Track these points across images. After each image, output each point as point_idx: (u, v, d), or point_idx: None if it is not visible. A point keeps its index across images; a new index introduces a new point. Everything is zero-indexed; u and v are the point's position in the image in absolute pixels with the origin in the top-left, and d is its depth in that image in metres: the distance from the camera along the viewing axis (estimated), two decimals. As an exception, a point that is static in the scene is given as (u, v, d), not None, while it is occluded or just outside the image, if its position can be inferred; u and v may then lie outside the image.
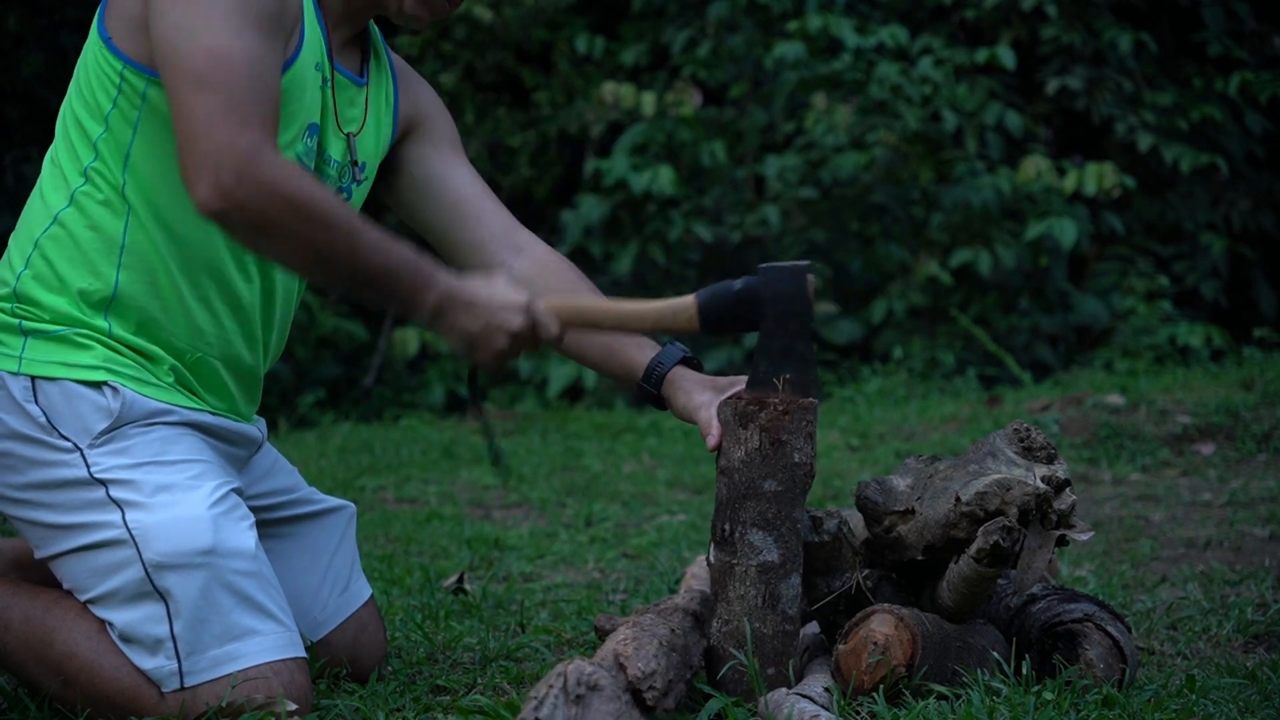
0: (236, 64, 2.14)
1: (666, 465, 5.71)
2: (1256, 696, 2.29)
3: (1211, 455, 5.26)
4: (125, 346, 2.29)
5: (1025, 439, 2.28)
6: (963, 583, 2.24)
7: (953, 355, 7.87)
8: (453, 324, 2.24)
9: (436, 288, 2.22)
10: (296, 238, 2.13)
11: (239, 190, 2.08)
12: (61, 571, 2.25)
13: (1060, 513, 2.23)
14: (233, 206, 2.09)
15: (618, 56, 9.12)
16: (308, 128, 2.35)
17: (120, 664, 2.20)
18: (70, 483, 2.22)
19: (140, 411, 2.26)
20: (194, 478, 2.24)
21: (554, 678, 1.90)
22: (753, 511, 2.23)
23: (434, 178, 2.59)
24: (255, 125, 2.12)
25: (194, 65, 2.13)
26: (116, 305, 2.29)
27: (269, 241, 2.14)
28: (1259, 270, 8.83)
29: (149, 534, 2.18)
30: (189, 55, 2.14)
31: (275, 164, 2.11)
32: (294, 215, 2.11)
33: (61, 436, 2.23)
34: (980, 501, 2.21)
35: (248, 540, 2.23)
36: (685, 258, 8.56)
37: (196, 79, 2.13)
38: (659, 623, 2.15)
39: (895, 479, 2.37)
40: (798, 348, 2.27)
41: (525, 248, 2.61)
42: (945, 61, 8.27)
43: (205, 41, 2.13)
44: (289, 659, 2.22)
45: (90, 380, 2.24)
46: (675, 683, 2.06)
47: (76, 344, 2.26)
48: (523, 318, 2.25)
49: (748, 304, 2.30)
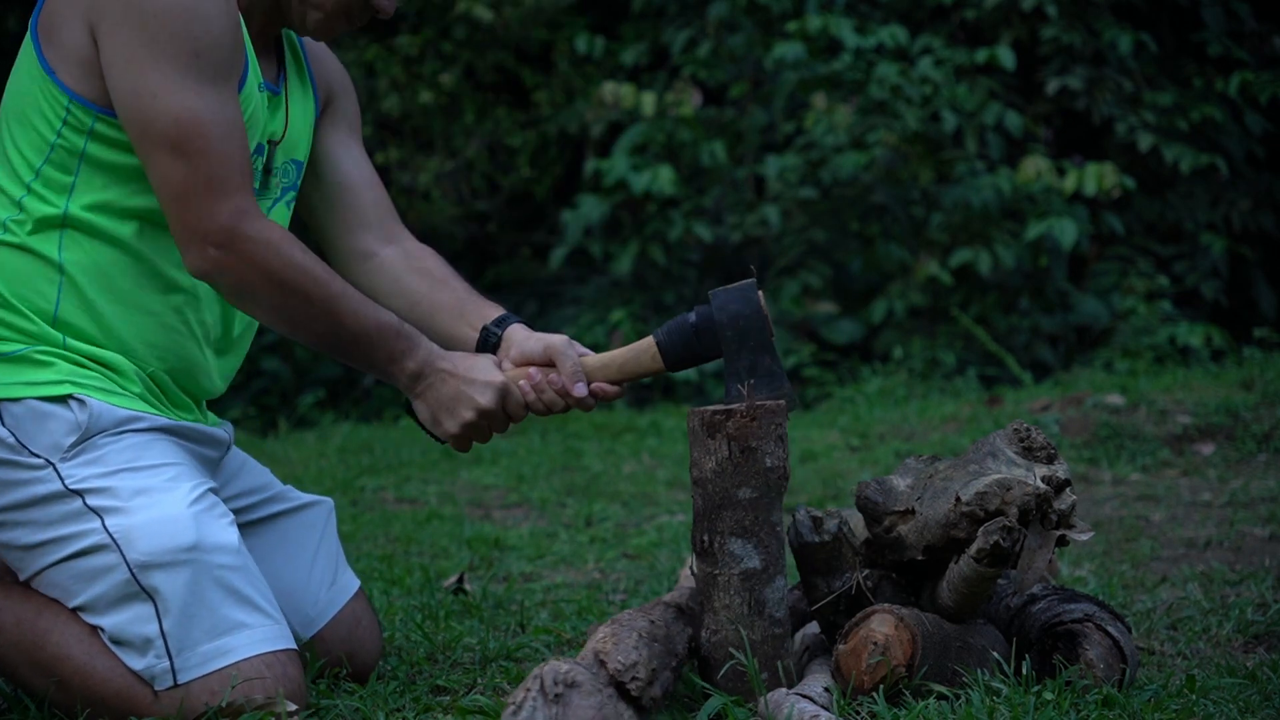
0: (205, 129, 2.20)
1: (666, 465, 5.71)
2: (1256, 696, 2.29)
3: (1211, 455, 5.26)
4: (85, 358, 2.29)
5: (1025, 439, 2.28)
6: (963, 583, 2.24)
7: (953, 355, 7.87)
8: (428, 390, 2.35)
9: (417, 355, 2.33)
10: (277, 304, 2.26)
11: (225, 260, 2.21)
12: (47, 584, 2.25)
13: (1060, 513, 2.23)
14: (219, 273, 2.23)
15: (618, 56, 9.12)
16: (255, 149, 2.37)
17: (113, 665, 2.20)
18: (46, 498, 2.22)
19: (109, 420, 2.25)
20: (170, 479, 2.25)
21: (530, 680, 1.90)
22: (730, 520, 2.23)
23: (324, 157, 2.61)
24: (234, 191, 2.22)
25: (164, 132, 2.19)
26: (61, 324, 2.29)
27: (252, 305, 2.28)
28: (1259, 270, 8.83)
29: (131, 535, 2.18)
30: (156, 122, 2.19)
31: (257, 232, 2.22)
32: (274, 284, 2.23)
33: (32, 454, 2.23)
34: (980, 501, 2.21)
35: (230, 536, 2.23)
36: (685, 258, 8.56)
37: (169, 147, 2.19)
38: (638, 617, 2.15)
39: (895, 479, 2.37)
40: (764, 363, 2.31)
41: (397, 241, 2.63)
42: (945, 61, 8.27)
43: (169, 106, 2.19)
44: (280, 650, 2.22)
45: (55, 395, 2.24)
46: (660, 671, 2.05)
47: (36, 362, 2.26)
48: (494, 396, 2.34)
49: (705, 332, 2.34)
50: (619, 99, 8.44)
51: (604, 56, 9.12)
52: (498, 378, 2.34)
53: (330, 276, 2.28)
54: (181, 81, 2.19)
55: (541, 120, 9.39)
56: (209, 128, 2.20)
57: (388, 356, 2.31)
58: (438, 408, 2.35)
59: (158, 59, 2.18)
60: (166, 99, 2.19)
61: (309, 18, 2.39)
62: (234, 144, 2.23)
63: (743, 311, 2.31)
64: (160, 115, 2.19)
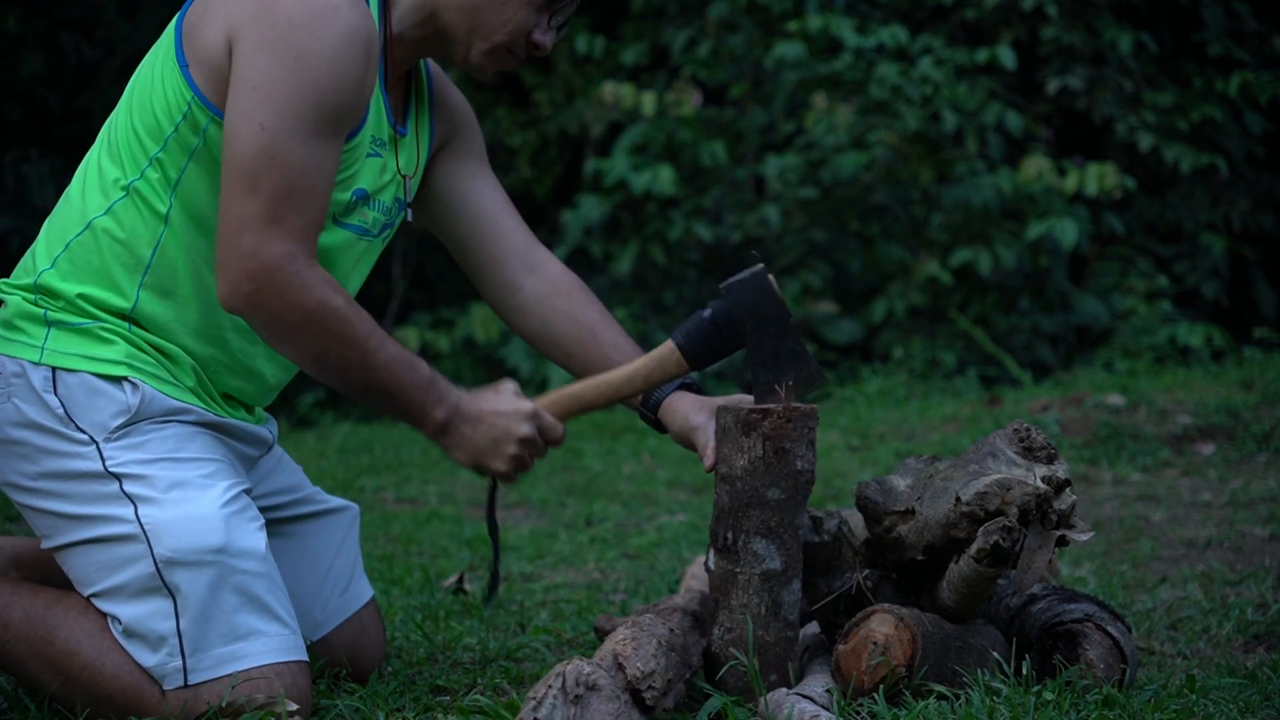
0: (291, 171, 2.18)
1: (666, 465, 5.71)
2: (1256, 696, 2.29)
3: (1211, 455, 5.26)
4: (147, 344, 2.30)
5: (1025, 439, 2.28)
6: (963, 583, 2.24)
7: (953, 355, 7.87)
8: (461, 439, 2.31)
9: (445, 404, 2.29)
10: (309, 349, 2.22)
11: (256, 297, 2.17)
12: (68, 563, 2.25)
13: (1060, 513, 2.23)
14: (249, 310, 2.19)
15: (618, 56, 9.12)
16: (354, 192, 2.36)
17: (123, 662, 2.20)
18: (84, 475, 2.22)
19: (158, 409, 2.27)
20: (207, 476, 2.25)
21: (553, 678, 1.90)
22: (756, 520, 2.23)
23: (455, 192, 2.59)
24: (291, 236, 2.18)
25: (249, 162, 2.17)
26: (137, 312, 2.30)
27: (282, 346, 2.25)
28: (1259, 270, 8.83)
29: (161, 530, 2.18)
30: (247, 149, 2.17)
31: (299, 279, 2.18)
32: (307, 331, 2.20)
33: (78, 429, 2.24)
34: (980, 501, 2.21)
35: (258, 542, 2.24)
36: (685, 258, 8.56)
37: (246, 177, 2.17)
38: (658, 623, 2.16)
39: (895, 479, 2.37)
40: (787, 346, 2.29)
41: (540, 266, 2.61)
42: (945, 61, 8.27)
43: (270, 143, 2.17)
44: (292, 661, 2.22)
45: (111, 375, 2.25)
46: (674, 682, 2.06)
47: (100, 337, 2.27)
48: (529, 424, 2.32)
49: (725, 326, 2.33)
50: (619, 99, 8.44)
51: (604, 56, 9.12)
52: (527, 405, 2.32)
53: (370, 329, 2.23)
54: (294, 123, 2.17)
55: (541, 120, 9.39)
56: (294, 172, 2.18)
57: (418, 409, 2.29)
58: (478, 452, 2.31)
59: (282, 97, 2.17)
60: (271, 135, 2.17)
61: (474, 49, 2.37)
62: (314, 197, 2.20)
63: (757, 298, 2.30)
64: (257, 148, 2.17)
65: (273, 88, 2.17)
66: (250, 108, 2.18)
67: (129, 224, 2.29)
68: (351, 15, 2.20)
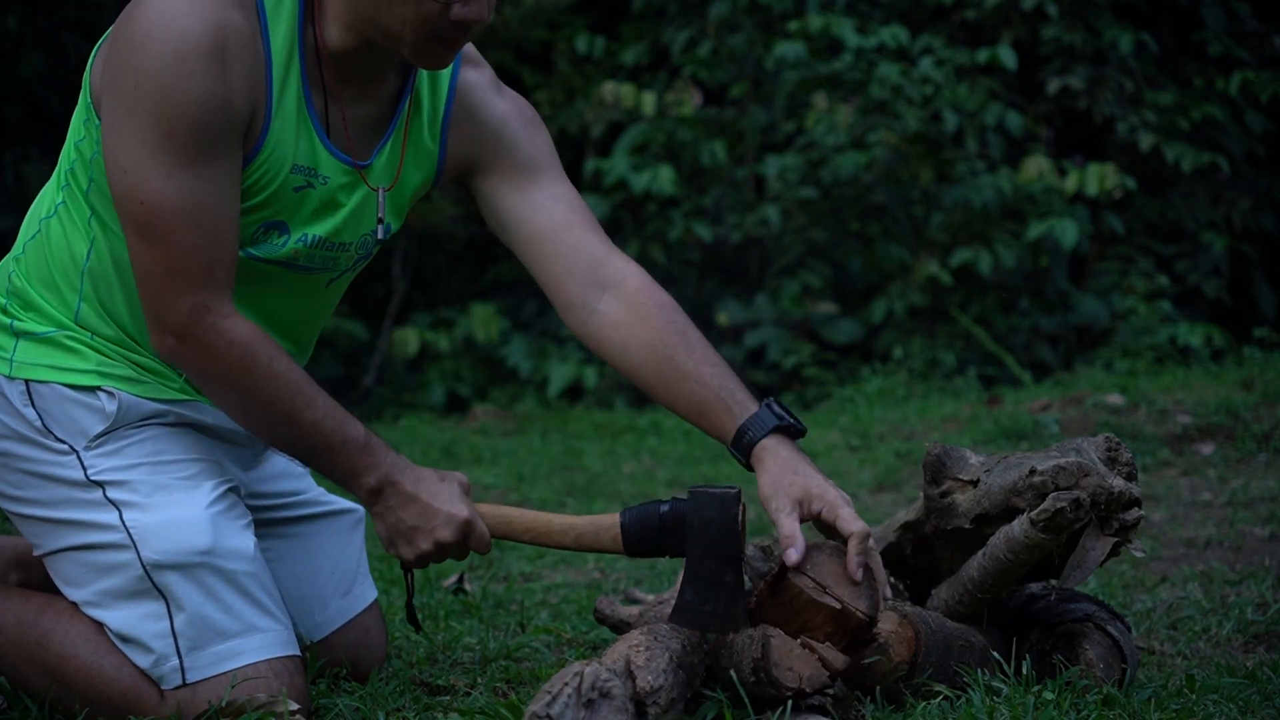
0: (165, 213, 2.08)
1: (666, 465, 5.71)
2: (1256, 696, 2.29)
3: (1211, 455, 5.25)
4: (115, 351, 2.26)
5: (1113, 451, 2.28)
6: (1007, 547, 2.22)
7: (953, 355, 7.87)
8: (387, 511, 2.24)
9: (378, 472, 2.23)
10: (235, 404, 2.19)
11: (181, 350, 2.14)
12: (56, 568, 2.24)
13: (1124, 523, 2.23)
14: (177, 363, 2.18)
15: (618, 56, 9.12)
16: (262, 225, 2.22)
17: (120, 664, 2.19)
18: (67, 482, 2.21)
19: (136, 414, 2.24)
20: (191, 477, 2.23)
21: (570, 676, 1.90)
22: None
23: (501, 212, 2.42)
24: (193, 286, 2.10)
25: (130, 212, 2.10)
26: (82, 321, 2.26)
27: (213, 397, 2.22)
28: (1259, 270, 8.83)
29: (147, 534, 2.17)
30: (126, 199, 2.10)
31: (213, 335, 2.12)
32: (229, 386, 2.16)
33: (57, 439, 2.22)
34: (1055, 475, 2.21)
35: (246, 541, 2.23)
36: (685, 258, 8.56)
37: (131, 225, 2.11)
38: (672, 636, 2.13)
39: (969, 453, 2.36)
40: (725, 579, 2.17)
41: (613, 284, 2.40)
42: (946, 62, 8.27)
43: (138, 186, 2.08)
44: (287, 657, 2.22)
45: (83, 385, 2.23)
46: (677, 701, 2.06)
47: (65, 347, 2.24)
48: (455, 532, 2.22)
49: (672, 530, 2.21)
50: (619, 99, 8.45)
51: (604, 56, 9.12)
52: (462, 512, 2.21)
53: (298, 387, 2.17)
54: (154, 160, 2.06)
55: (542, 120, 9.39)
56: (172, 215, 2.07)
57: (348, 471, 2.22)
58: (395, 532, 2.23)
59: (130, 133, 2.07)
60: (133, 178, 2.08)
61: (403, 50, 2.17)
62: (202, 232, 2.09)
63: (716, 520, 2.17)
64: (127, 194, 2.09)
65: (122, 125, 2.08)
66: (111, 151, 2.10)
67: (67, 225, 2.25)
68: (188, 24, 2.04)
